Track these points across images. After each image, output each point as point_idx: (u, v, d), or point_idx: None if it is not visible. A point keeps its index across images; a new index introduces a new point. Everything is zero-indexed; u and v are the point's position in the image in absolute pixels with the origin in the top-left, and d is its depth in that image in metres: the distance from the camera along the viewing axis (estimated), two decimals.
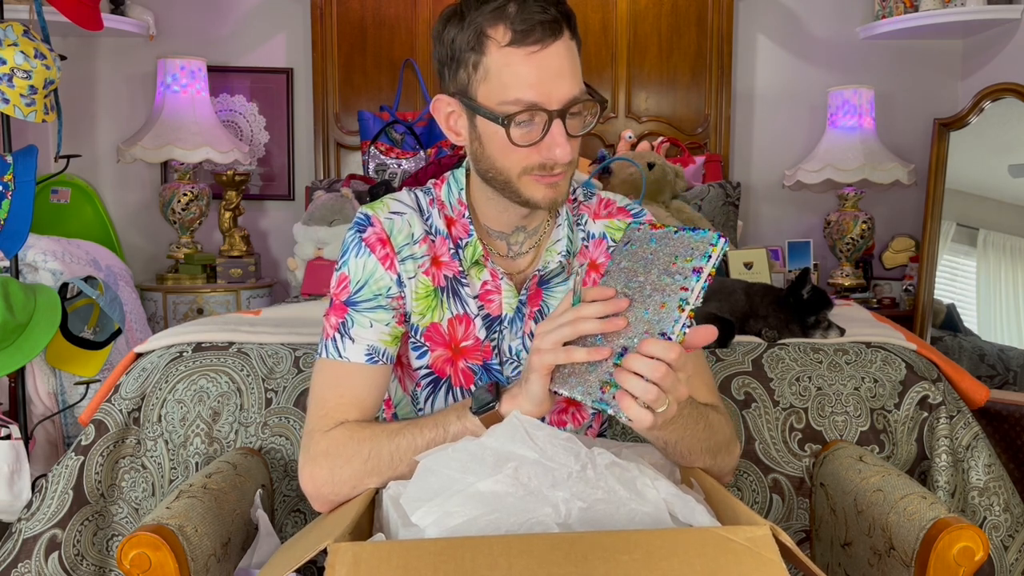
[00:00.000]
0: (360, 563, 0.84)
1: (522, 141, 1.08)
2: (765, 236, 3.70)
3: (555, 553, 0.84)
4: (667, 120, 3.64)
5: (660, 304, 0.96)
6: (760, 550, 0.85)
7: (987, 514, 1.58)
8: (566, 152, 1.08)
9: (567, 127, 1.08)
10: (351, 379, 1.16)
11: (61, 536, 1.58)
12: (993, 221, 3.22)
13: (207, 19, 3.61)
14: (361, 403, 1.16)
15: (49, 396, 2.50)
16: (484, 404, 1.08)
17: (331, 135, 3.62)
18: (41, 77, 2.20)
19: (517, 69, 1.05)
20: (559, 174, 1.11)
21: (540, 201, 1.12)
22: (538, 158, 1.09)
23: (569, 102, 1.07)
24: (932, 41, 3.61)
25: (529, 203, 1.13)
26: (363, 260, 1.18)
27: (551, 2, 1.06)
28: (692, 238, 0.97)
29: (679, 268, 0.96)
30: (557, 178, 1.11)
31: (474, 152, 1.15)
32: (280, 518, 1.57)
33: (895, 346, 1.74)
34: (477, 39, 1.07)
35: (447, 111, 1.16)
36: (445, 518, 0.96)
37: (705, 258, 0.94)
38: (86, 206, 3.54)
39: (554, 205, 1.14)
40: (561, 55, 1.06)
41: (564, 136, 1.08)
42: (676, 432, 1.11)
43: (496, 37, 1.06)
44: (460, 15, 1.09)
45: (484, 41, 1.06)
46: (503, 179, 1.12)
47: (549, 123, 1.07)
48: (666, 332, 0.93)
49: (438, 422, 1.11)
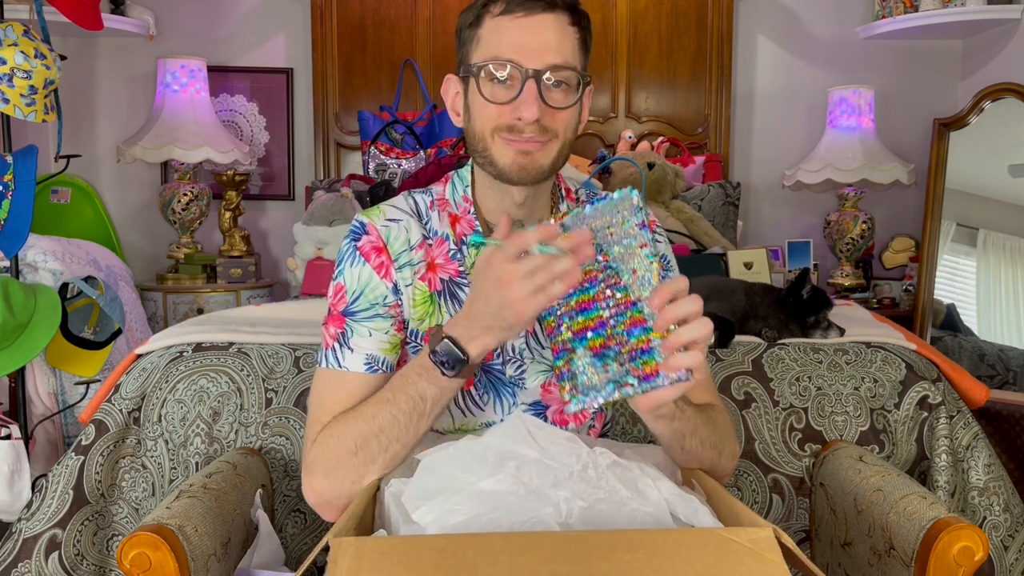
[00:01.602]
0: (362, 558, 0.84)
1: (492, 96, 1.11)
2: (765, 236, 3.70)
3: (557, 551, 0.84)
4: (667, 120, 3.64)
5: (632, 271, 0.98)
6: (762, 551, 0.85)
7: (987, 514, 1.58)
8: (533, 112, 1.09)
9: (545, 97, 1.10)
10: (350, 388, 1.16)
11: (61, 536, 1.58)
12: (993, 221, 3.22)
13: (207, 19, 3.61)
14: None
15: (49, 396, 2.50)
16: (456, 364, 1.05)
17: (331, 135, 3.62)
18: (41, 77, 2.20)
19: (502, 33, 1.11)
20: (529, 140, 1.12)
21: (509, 167, 1.13)
22: (508, 119, 1.11)
23: (547, 67, 1.10)
24: (932, 41, 3.61)
25: (501, 171, 1.14)
26: (358, 270, 1.18)
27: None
28: (609, 203, 0.99)
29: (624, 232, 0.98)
30: (528, 144, 1.12)
31: (466, 126, 1.18)
32: (280, 518, 1.57)
33: (895, 346, 1.74)
34: (477, 15, 1.14)
35: (453, 92, 1.21)
36: (446, 516, 0.96)
37: (639, 212, 0.97)
38: (86, 206, 3.54)
39: (523, 175, 1.14)
40: (548, 26, 1.11)
41: (535, 96, 1.10)
42: (690, 423, 1.11)
43: (493, 10, 1.12)
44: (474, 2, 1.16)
45: (482, 15, 1.13)
46: (481, 146, 1.15)
47: (523, 83, 1.10)
48: None
49: (409, 393, 1.08)
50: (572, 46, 1.13)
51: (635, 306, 0.98)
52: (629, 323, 0.98)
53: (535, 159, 1.13)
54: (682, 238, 2.85)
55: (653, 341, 0.96)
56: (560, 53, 1.11)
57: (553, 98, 1.11)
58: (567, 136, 1.15)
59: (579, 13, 1.14)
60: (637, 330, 0.97)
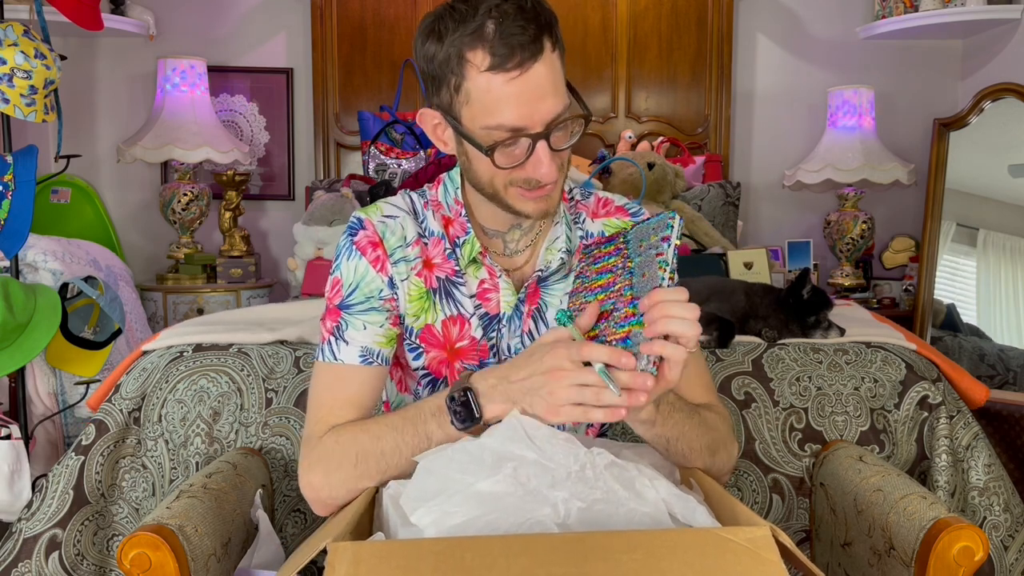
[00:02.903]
0: (360, 562, 0.84)
1: (506, 164, 1.08)
2: (765, 236, 3.70)
3: (555, 553, 0.84)
4: (667, 120, 3.64)
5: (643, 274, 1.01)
6: (760, 551, 0.85)
7: (987, 514, 1.58)
8: (551, 172, 1.08)
9: (551, 143, 1.08)
10: (346, 380, 1.17)
11: (61, 536, 1.58)
12: (993, 221, 3.22)
13: (207, 19, 3.61)
14: (356, 403, 1.17)
15: (49, 396, 2.50)
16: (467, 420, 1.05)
17: (331, 135, 3.62)
18: (41, 77, 2.20)
19: (499, 95, 1.04)
20: (547, 187, 1.11)
21: (531, 213, 1.13)
22: (523, 175, 1.09)
23: (552, 121, 1.06)
24: (932, 41, 3.61)
25: (520, 214, 1.14)
26: (354, 263, 1.19)
27: (529, 17, 1.03)
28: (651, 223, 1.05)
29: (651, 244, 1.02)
30: (545, 191, 1.12)
31: (462, 164, 1.16)
32: (280, 518, 1.57)
33: (895, 346, 1.74)
34: (457, 61, 1.05)
35: (433, 123, 1.15)
36: (444, 518, 0.96)
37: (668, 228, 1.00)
38: (86, 206, 3.54)
39: (545, 216, 1.15)
40: (542, 75, 1.04)
41: (548, 155, 1.07)
42: (675, 428, 1.11)
43: (475, 62, 1.03)
44: (438, 34, 1.06)
45: (464, 64, 1.04)
46: (491, 192, 1.13)
47: (533, 145, 1.06)
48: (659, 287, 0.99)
49: (418, 429, 1.09)
50: (561, 78, 1.08)
51: (633, 303, 1.01)
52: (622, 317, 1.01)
53: (553, 199, 1.14)
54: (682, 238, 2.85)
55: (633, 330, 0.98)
56: (558, 97, 1.07)
57: (559, 140, 1.10)
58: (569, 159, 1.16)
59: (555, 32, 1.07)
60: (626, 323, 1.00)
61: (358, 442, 1.12)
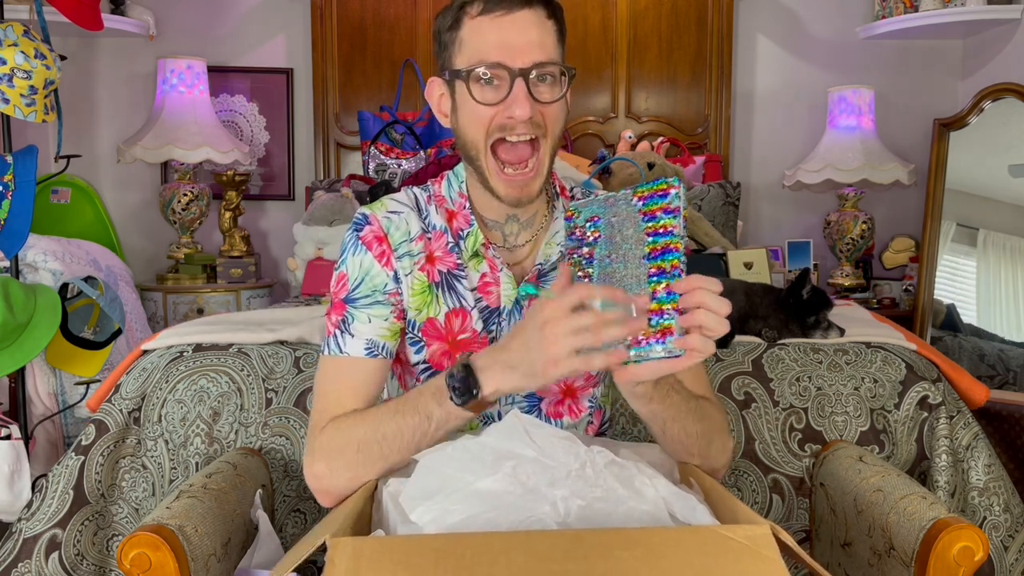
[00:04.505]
0: (360, 558, 0.84)
1: (483, 98, 1.12)
2: (765, 236, 3.70)
3: (555, 550, 0.84)
4: (667, 120, 3.64)
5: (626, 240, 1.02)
6: (760, 548, 0.85)
7: (987, 514, 1.58)
8: (525, 110, 1.11)
9: (534, 92, 1.12)
10: (351, 372, 1.19)
11: (61, 536, 1.58)
12: (993, 221, 3.22)
13: (207, 19, 3.61)
14: (361, 394, 1.18)
15: (49, 396, 2.50)
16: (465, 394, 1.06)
17: (331, 135, 3.62)
18: (41, 77, 2.20)
19: (485, 34, 1.12)
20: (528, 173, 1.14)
21: (504, 196, 1.17)
22: (500, 118, 1.13)
23: (533, 64, 1.11)
24: (932, 41, 3.61)
25: (496, 194, 1.18)
26: (360, 258, 1.21)
27: None
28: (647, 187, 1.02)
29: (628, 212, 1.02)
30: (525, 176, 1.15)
31: (454, 129, 1.20)
32: (280, 518, 1.57)
33: (895, 346, 1.74)
34: (455, 17, 1.15)
35: (438, 94, 1.21)
36: (444, 516, 0.97)
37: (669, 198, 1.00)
38: (86, 206, 3.54)
39: (519, 204, 1.18)
40: (529, 22, 1.12)
41: (525, 95, 1.11)
42: (672, 408, 1.12)
43: (470, 11, 1.13)
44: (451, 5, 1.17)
45: (461, 17, 1.14)
46: (474, 153, 1.17)
47: (512, 82, 1.11)
48: None
49: (419, 409, 1.10)
50: (553, 41, 1.15)
51: None
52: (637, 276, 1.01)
53: (528, 189, 1.17)
54: None
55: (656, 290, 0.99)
56: (543, 49, 1.13)
57: (541, 93, 1.14)
58: (556, 132, 1.17)
59: (553, 5, 1.16)
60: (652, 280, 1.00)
61: (359, 429, 1.13)
